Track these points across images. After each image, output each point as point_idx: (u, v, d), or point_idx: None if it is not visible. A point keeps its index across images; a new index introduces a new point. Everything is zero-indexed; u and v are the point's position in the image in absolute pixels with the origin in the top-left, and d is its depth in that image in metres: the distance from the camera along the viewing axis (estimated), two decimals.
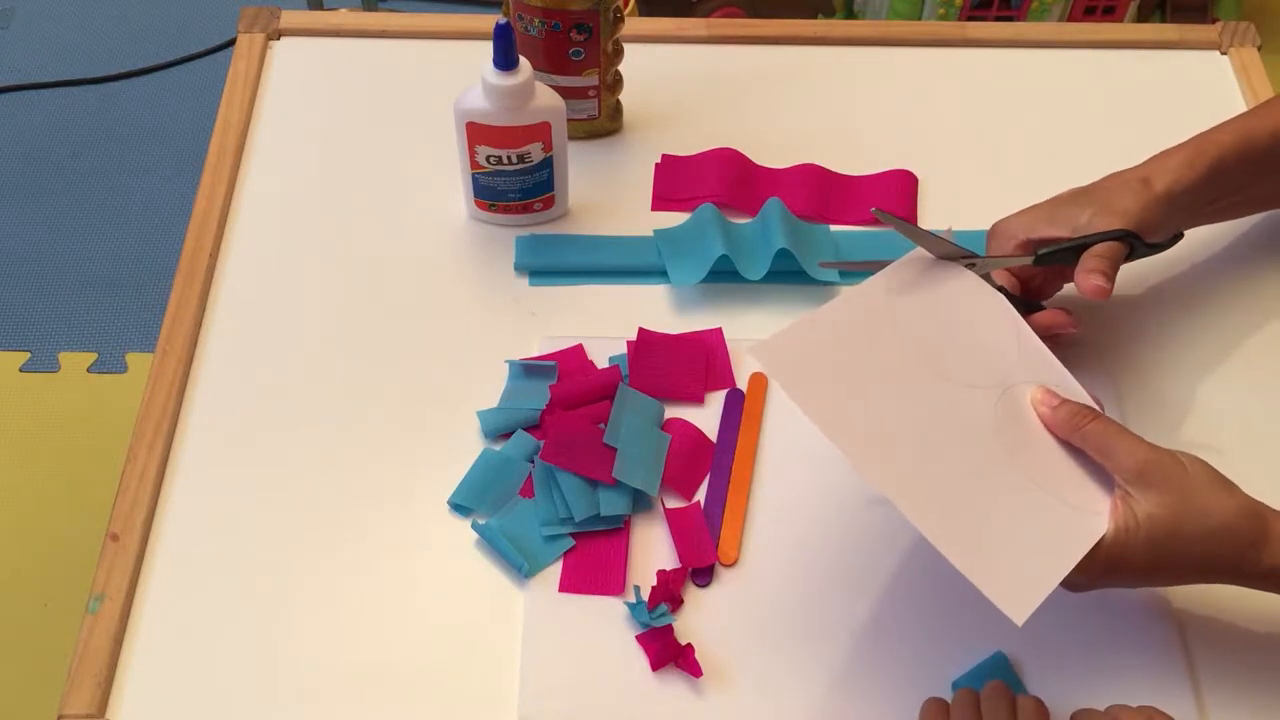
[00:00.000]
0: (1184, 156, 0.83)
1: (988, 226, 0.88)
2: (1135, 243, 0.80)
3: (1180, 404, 0.87)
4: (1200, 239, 0.95)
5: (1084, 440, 0.72)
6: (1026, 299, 0.83)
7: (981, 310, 0.79)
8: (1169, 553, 0.69)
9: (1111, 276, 0.78)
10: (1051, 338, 0.80)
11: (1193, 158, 0.83)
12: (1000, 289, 0.81)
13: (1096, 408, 0.74)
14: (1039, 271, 0.83)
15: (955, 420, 0.74)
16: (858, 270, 0.77)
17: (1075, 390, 0.76)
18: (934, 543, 0.68)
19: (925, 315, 0.78)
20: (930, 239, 0.80)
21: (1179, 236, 0.85)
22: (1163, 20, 1.98)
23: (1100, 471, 0.72)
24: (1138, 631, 0.77)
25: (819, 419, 0.70)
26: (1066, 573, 0.69)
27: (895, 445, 0.72)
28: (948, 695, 0.73)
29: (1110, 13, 1.84)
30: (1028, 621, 0.73)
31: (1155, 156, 0.84)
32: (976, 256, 0.81)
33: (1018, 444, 0.73)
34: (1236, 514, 0.69)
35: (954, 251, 0.80)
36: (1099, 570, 0.70)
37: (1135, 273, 0.91)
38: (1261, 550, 0.69)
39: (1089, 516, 0.70)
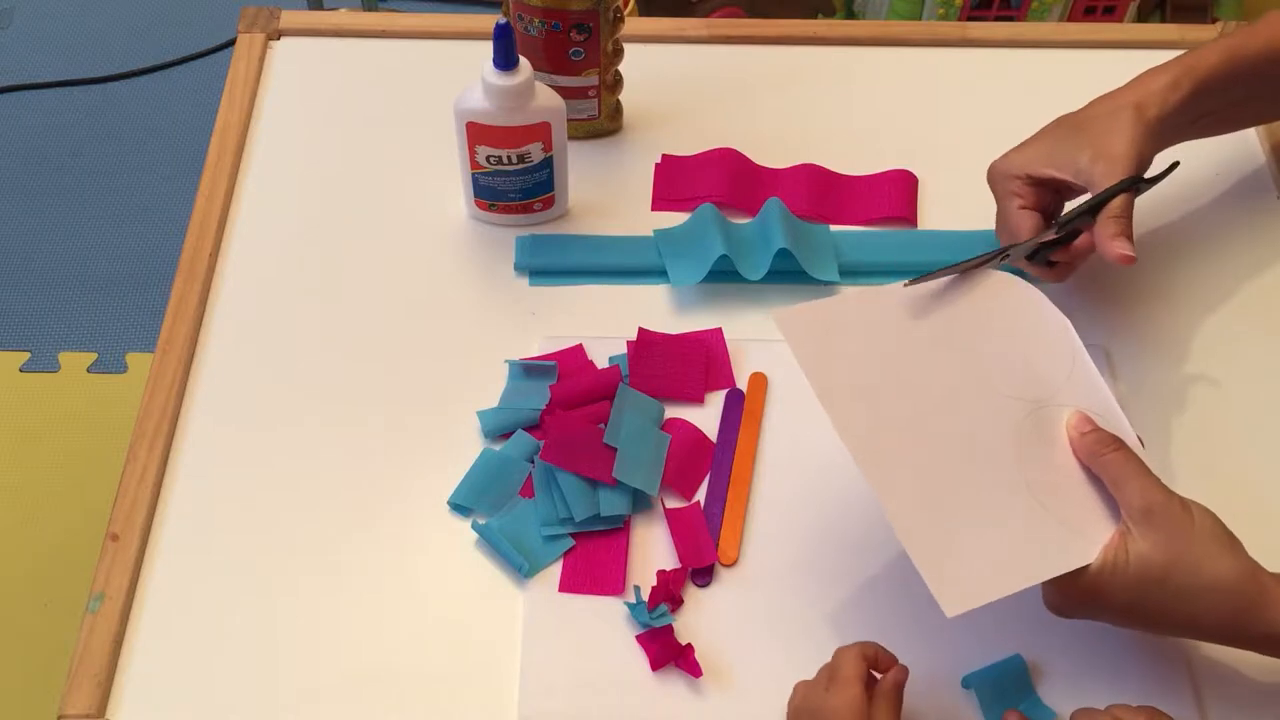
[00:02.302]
0: (1170, 78, 0.82)
1: (987, 227, 0.88)
2: (1139, 184, 0.80)
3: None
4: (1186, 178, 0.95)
5: (1102, 468, 0.71)
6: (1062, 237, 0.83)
7: (1040, 327, 0.78)
8: (1153, 599, 0.68)
9: (1132, 235, 0.78)
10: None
11: (1179, 78, 0.82)
12: (1035, 247, 0.81)
13: (1128, 441, 0.72)
14: (1056, 204, 0.84)
15: (968, 419, 0.74)
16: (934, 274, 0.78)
17: (1120, 424, 0.74)
18: (886, 514, 0.70)
19: (969, 319, 0.77)
20: (960, 265, 0.78)
21: (1174, 166, 0.84)
22: (1163, 20, 1.98)
23: (1112, 508, 0.71)
24: (1138, 632, 0.77)
25: (819, 385, 0.72)
26: (1024, 586, 0.69)
27: (890, 427, 0.72)
28: (954, 695, 0.73)
29: (1110, 13, 1.84)
30: (1027, 622, 0.74)
31: (1140, 77, 0.84)
32: (1005, 250, 0.81)
33: (1033, 458, 0.73)
34: (1231, 575, 0.67)
35: (986, 258, 0.79)
36: (1077, 598, 0.69)
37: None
38: (1256, 616, 0.67)
39: (1081, 542, 0.70)
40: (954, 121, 1.04)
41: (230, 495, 0.82)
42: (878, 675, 0.69)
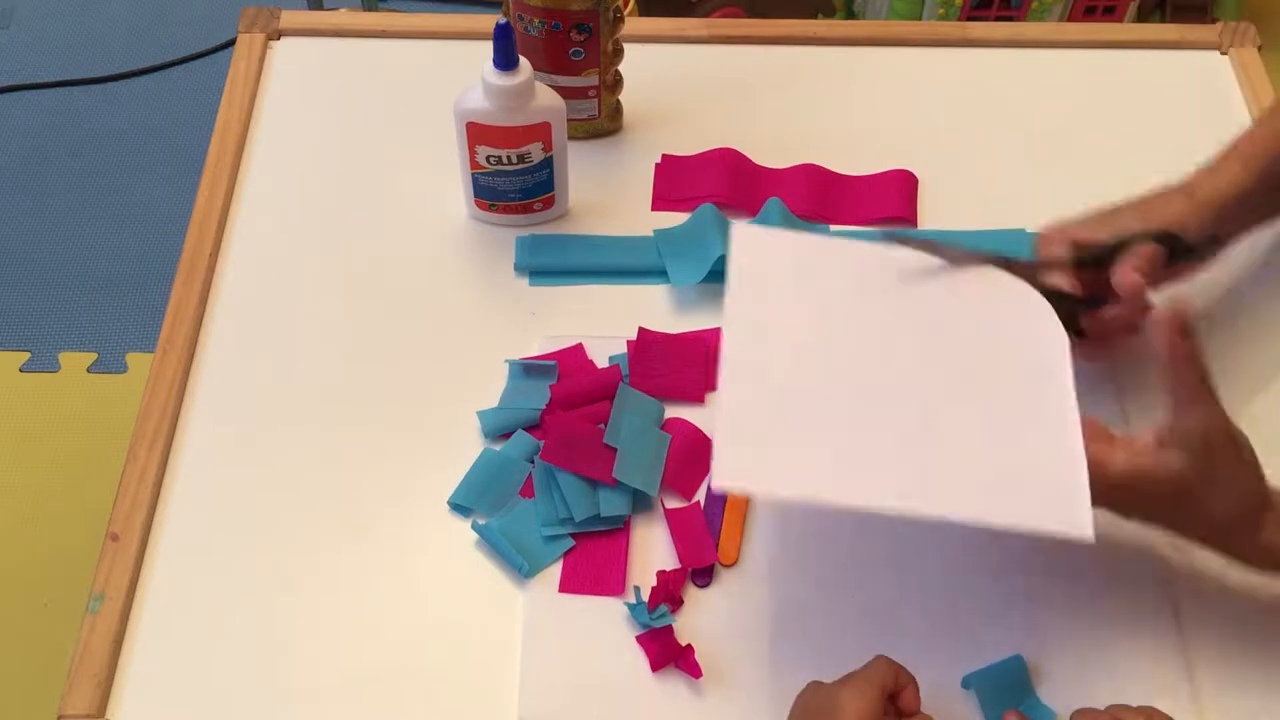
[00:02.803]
0: (1226, 165, 0.83)
1: (988, 226, 0.89)
2: (1175, 245, 0.80)
3: None
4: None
5: (1177, 376, 0.68)
6: (1092, 297, 0.82)
7: (1016, 320, 0.77)
8: (1175, 505, 0.70)
9: (1148, 273, 0.78)
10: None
11: (1236, 165, 0.83)
12: (1059, 292, 0.80)
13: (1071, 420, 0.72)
14: (1098, 275, 0.82)
15: (870, 371, 0.73)
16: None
17: (1069, 406, 0.73)
18: (955, 518, 0.67)
19: (933, 299, 0.77)
20: (960, 254, 0.78)
21: (1220, 246, 0.84)
22: (1163, 20, 1.98)
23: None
24: (1138, 632, 0.77)
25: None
26: (1084, 461, 0.68)
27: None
28: (956, 695, 0.73)
29: (1110, 13, 1.84)
30: (1029, 622, 0.74)
31: (1199, 170, 0.84)
32: (1016, 261, 0.80)
33: (968, 379, 0.73)
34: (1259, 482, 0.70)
35: (990, 258, 0.79)
36: (1105, 490, 0.69)
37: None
38: (1259, 529, 0.70)
39: (1061, 412, 0.70)
40: (954, 121, 1.04)
41: (230, 495, 0.82)
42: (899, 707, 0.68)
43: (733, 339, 0.73)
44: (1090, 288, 0.82)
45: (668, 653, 0.75)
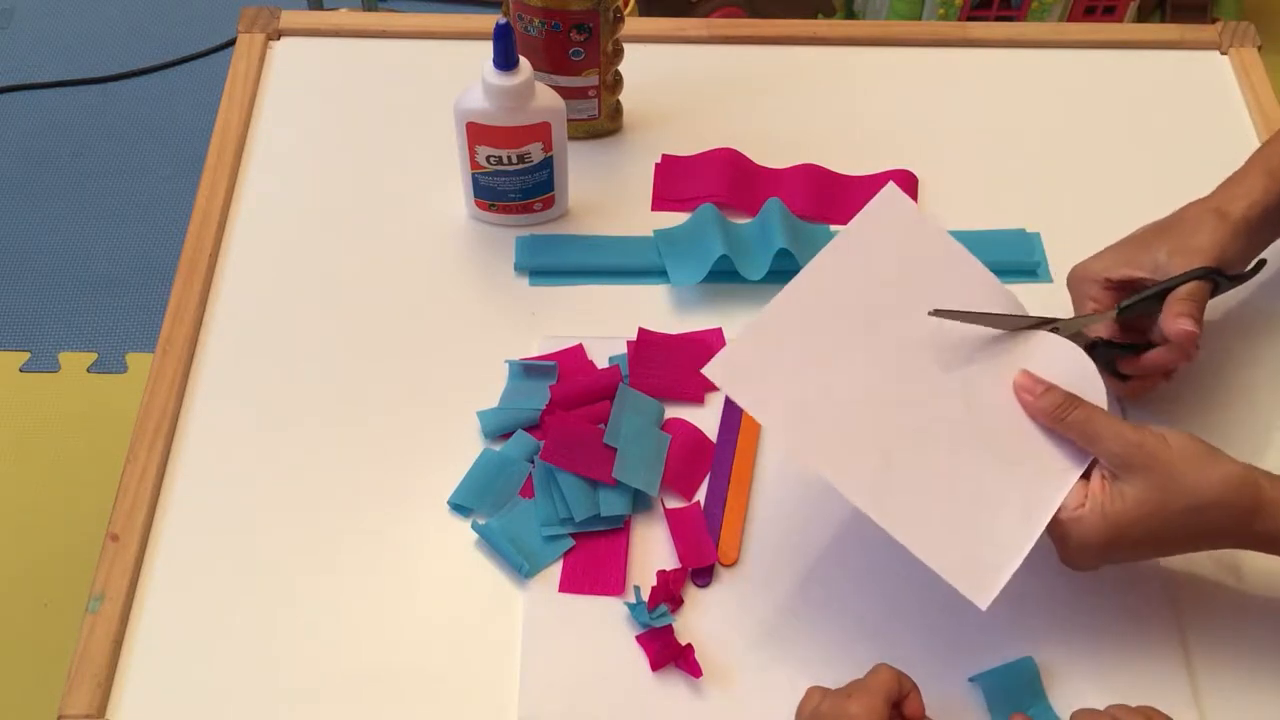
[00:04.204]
0: (1254, 179, 0.82)
1: (987, 227, 0.89)
2: (1218, 279, 0.79)
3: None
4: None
5: (1068, 429, 0.73)
6: (1132, 342, 0.82)
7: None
8: (1161, 528, 0.70)
9: (1199, 319, 0.77)
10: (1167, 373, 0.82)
11: (1264, 179, 0.82)
12: (1099, 340, 0.80)
13: (1098, 393, 0.74)
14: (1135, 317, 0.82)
15: (912, 387, 0.75)
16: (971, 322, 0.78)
17: (1085, 367, 0.76)
18: (890, 531, 0.70)
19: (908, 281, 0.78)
20: (1005, 319, 0.78)
21: (1261, 263, 0.83)
22: (1163, 20, 1.98)
23: (1071, 449, 0.73)
24: (1137, 631, 0.77)
25: (768, 421, 0.73)
26: (1029, 546, 0.71)
27: (843, 429, 0.73)
28: (959, 694, 0.73)
29: (1110, 13, 1.84)
30: (1030, 624, 0.73)
31: (1224, 184, 0.83)
32: (1058, 320, 0.79)
33: (982, 406, 0.75)
34: (1225, 486, 0.69)
35: (1033, 321, 0.78)
36: (1098, 551, 0.71)
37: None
38: (1256, 518, 0.69)
39: (1054, 479, 0.72)
40: (954, 121, 1.04)
41: (230, 495, 0.82)
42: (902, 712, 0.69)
43: (810, 275, 0.75)
44: (1130, 330, 0.82)
45: (668, 652, 0.75)
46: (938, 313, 0.75)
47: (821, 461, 0.72)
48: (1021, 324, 0.78)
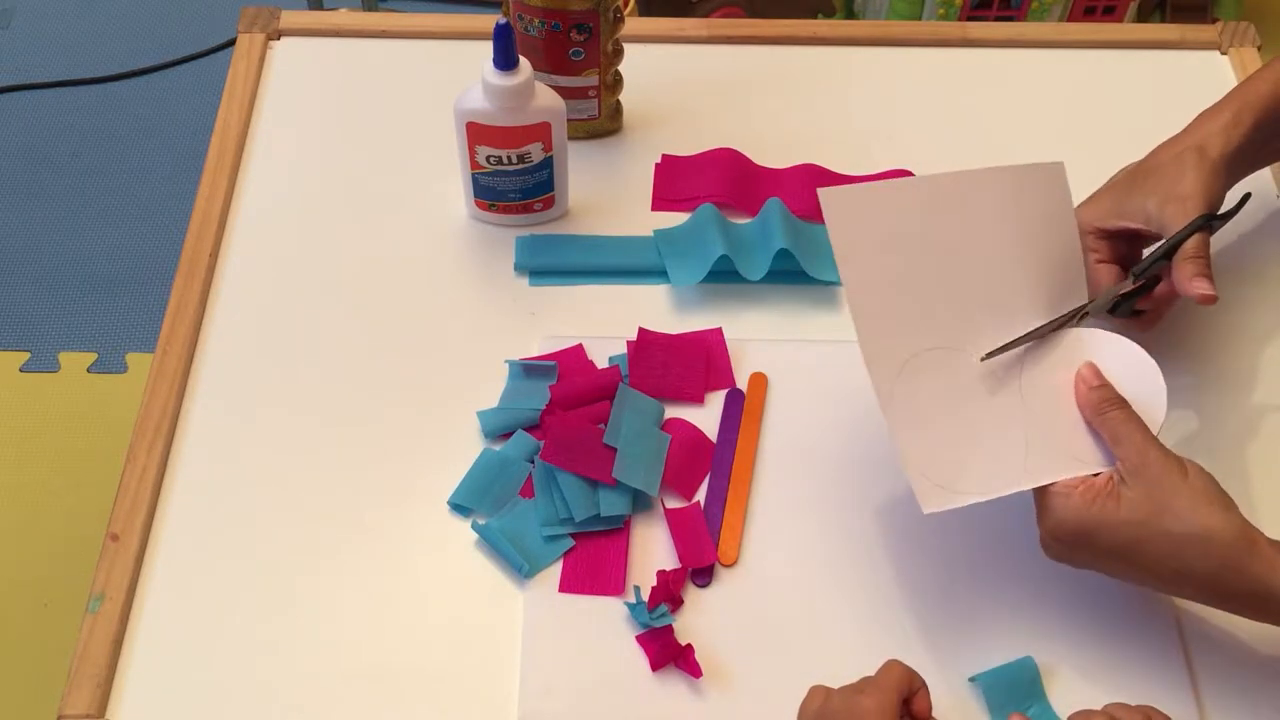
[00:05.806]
0: (1229, 114, 0.83)
1: None
2: (1212, 221, 0.80)
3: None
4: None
5: (1102, 424, 0.73)
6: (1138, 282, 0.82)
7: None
8: (1141, 544, 0.69)
9: (1210, 275, 0.78)
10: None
11: (1238, 113, 0.83)
12: (1119, 298, 0.81)
13: (1156, 411, 0.74)
14: (1131, 254, 0.83)
15: (980, 319, 0.77)
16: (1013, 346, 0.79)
17: (1154, 379, 0.76)
18: (885, 415, 0.73)
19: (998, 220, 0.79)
20: (1037, 330, 0.78)
21: (1247, 197, 0.84)
22: (1163, 20, 1.98)
23: (1100, 450, 0.74)
24: (1138, 631, 0.77)
25: (845, 270, 0.74)
26: (1004, 492, 0.72)
27: (903, 322, 0.75)
28: (959, 694, 0.73)
29: (1110, 13, 1.84)
30: (1030, 624, 0.73)
31: (1199, 118, 0.84)
32: (1083, 308, 0.79)
33: (1035, 380, 0.77)
34: (1220, 527, 0.68)
35: (1064, 319, 0.79)
36: (1068, 538, 0.71)
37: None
38: (1242, 569, 0.68)
39: (1072, 464, 0.73)
40: (954, 121, 1.04)
41: (230, 495, 0.82)
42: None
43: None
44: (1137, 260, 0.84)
45: (668, 652, 0.75)
46: (989, 356, 0.76)
47: (867, 328, 0.74)
48: (1060, 324, 0.79)
